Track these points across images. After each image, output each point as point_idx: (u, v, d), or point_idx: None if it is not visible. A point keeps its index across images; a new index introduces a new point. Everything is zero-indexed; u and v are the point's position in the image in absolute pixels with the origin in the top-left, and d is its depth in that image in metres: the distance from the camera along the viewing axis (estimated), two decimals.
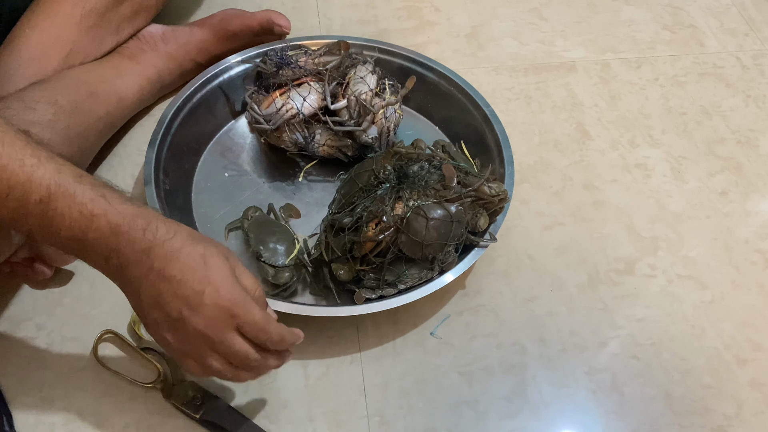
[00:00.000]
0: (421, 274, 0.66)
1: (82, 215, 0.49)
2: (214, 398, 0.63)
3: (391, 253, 0.65)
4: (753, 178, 0.85)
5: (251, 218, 0.72)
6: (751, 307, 0.74)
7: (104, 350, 0.67)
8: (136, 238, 0.50)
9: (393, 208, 0.65)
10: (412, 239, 0.64)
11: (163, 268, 0.51)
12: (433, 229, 0.64)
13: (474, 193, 0.66)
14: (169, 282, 0.51)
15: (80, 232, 0.49)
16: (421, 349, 0.69)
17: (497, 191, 0.67)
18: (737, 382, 0.68)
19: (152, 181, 0.71)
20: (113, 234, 0.50)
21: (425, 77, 0.83)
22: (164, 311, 0.51)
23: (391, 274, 0.66)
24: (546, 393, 0.66)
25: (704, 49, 1.00)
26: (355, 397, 0.65)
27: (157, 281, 0.51)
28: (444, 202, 0.65)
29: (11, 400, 0.63)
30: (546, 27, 1.01)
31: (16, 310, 0.69)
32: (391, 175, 0.68)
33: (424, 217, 0.64)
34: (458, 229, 0.65)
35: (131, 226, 0.50)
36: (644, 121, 0.90)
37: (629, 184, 0.83)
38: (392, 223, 0.64)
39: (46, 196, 0.48)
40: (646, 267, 0.76)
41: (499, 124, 0.78)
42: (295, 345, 0.58)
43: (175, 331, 0.52)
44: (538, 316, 0.72)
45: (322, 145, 0.76)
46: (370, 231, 0.64)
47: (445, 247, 0.65)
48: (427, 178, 0.67)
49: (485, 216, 0.67)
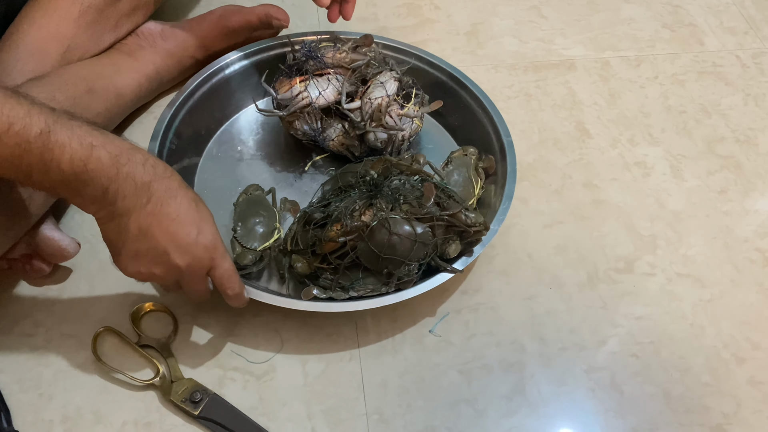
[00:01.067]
0: (375, 286, 0.65)
1: (81, 146, 0.50)
2: (212, 396, 0.63)
3: (350, 258, 0.64)
4: (752, 176, 0.85)
5: (249, 194, 0.72)
6: (750, 305, 0.74)
7: (103, 347, 0.67)
8: (135, 171, 0.52)
9: (362, 214, 0.64)
10: (371, 249, 0.63)
11: (160, 204, 0.53)
12: (393, 244, 0.63)
13: (449, 218, 0.64)
14: (164, 218, 0.53)
15: (81, 164, 0.50)
16: (420, 346, 0.69)
17: (474, 221, 0.65)
18: (736, 381, 0.68)
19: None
20: (113, 165, 0.51)
21: (457, 94, 0.82)
22: (151, 244, 0.54)
23: (346, 279, 0.65)
24: (545, 391, 0.66)
25: (704, 48, 1.00)
26: (354, 394, 0.65)
27: (151, 215, 0.53)
28: (413, 220, 0.64)
29: (9, 397, 0.63)
30: (546, 25, 1.01)
31: (14, 306, 0.69)
32: (370, 182, 0.68)
33: (387, 230, 0.63)
34: (421, 250, 0.64)
35: (130, 158, 0.52)
36: (644, 119, 0.90)
37: (629, 182, 0.83)
38: (355, 228, 0.63)
39: (45, 129, 0.49)
40: (646, 265, 0.76)
41: (513, 155, 0.76)
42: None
43: (155, 265, 0.55)
44: (538, 314, 0.72)
45: (332, 140, 0.76)
46: (333, 231, 0.64)
47: (402, 264, 0.64)
48: (404, 192, 0.65)
49: (457, 244, 0.66)
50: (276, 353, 0.67)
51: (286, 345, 0.68)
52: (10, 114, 0.48)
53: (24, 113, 0.48)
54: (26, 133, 0.48)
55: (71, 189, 0.52)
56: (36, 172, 0.50)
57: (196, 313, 0.69)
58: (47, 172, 0.50)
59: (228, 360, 0.67)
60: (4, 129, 0.48)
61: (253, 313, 0.69)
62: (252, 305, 0.69)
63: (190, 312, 0.69)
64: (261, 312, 0.69)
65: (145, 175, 0.53)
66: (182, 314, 0.69)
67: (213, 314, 0.69)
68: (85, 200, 0.53)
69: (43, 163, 0.50)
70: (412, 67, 0.83)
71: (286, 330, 0.69)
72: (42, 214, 0.65)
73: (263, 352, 0.67)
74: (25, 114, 0.48)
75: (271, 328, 0.69)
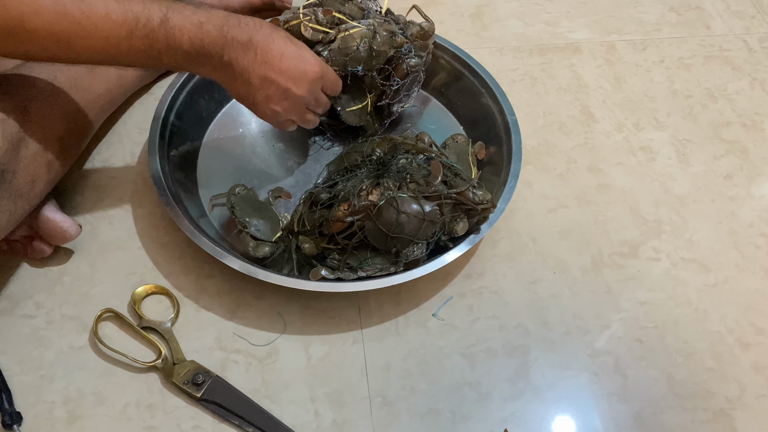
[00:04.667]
0: (383, 266, 0.64)
1: (193, 25, 0.58)
2: (215, 378, 0.63)
3: (357, 238, 0.64)
4: (758, 161, 0.84)
5: (238, 194, 0.71)
6: (754, 291, 0.73)
7: (104, 329, 0.66)
8: (237, 33, 0.60)
9: (369, 193, 0.63)
10: (379, 228, 0.62)
11: (266, 52, 0.61)
12: (401, 223, 0.62)
13: (456, 196, 0.64)
14: (274, 62, 0.62)
15: (198, 41, 0.58)
16: (423, 330, 0.68)
17: (482, 199, 0.65)
18: (740, 366, 0.68)
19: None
20: (221, 35, 0.59)
21: (462, 75, 0.81)
22: (274, 85, 0.63)
23: (354, 259, 0.65)
24: (549, 375, 0.66)
25: (710, 32, 0.99)
26: (357, 377, 0.65)
27: (263, 64, 0.61)
28: (421, 199, 0.63)
29: (10, 379, 0.63)
30: (551, 8, 1.00)
31: (15, 288, 0.68)
32: (377, 161, 0.67)
33: (395, 209, 0.62)
34: (429, 228, 0.63)
35: (229, 24, 0.60)
36: (649, 103, 0.89)
37: (634, 167, 0.83)
38: (362, 208, 0.63)
39: (164, 17, 0.56)
40: (651, 250, 0.76)
41: (518, 135, 0.75)
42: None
43: (284, 101, 0.64)
44: (542, 298, 0.71)
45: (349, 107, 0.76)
46: (340, 211, 0.63)
47: (411, 243, 0.64)
48: (411, 170, 0.65)
49: (465, 222, 0.65)
50: (279, 336, 0.67)
51: (289, 327, 0.67)
52: (134, 10, 0.55)
53: (142, 7, 0.55)
54: (151, 24, 0.56)
55: (196, 63, 0.60)
56: (165, 56, 0.58)
57: (198, 296, 0.69)
58: (174, 54, 0.58)
59: (231, 342, 0.66)
60: (134, 24, 0.55)
61: (256, 296, 0.69)
62: (254, 287, 0.69)
63: (192, 294, 0.69)
64: (264, 294, 0.69)
65: (245, 34, 0.60)
66: (184, 296, 0.69)
67: (216, 297, 0.69)
68: (207, 70, 0.61)
69: (169, 47, 0.57)
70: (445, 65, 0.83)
71: (289, 313, 0.68)
72: (44, 197, 0.65)
73: (266, 334, 0.67)
74: (144, 8, 0.55)
75: (274, 310, 0.68)
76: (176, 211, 0.67)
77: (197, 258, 0.71)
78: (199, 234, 0.66)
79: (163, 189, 0.68)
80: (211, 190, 0.75)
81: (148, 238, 0.72)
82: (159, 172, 0.70)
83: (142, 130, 0.81)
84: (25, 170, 0.60)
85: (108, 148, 0.79)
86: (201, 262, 0.71)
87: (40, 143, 0.62)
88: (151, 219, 0.74)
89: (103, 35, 0.54)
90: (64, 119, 0.65)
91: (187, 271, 0.70)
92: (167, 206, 0.67)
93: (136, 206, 0.75)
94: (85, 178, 0.76)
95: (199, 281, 0.70)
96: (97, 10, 0.53)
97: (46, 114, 0.63)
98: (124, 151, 0.79)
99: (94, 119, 0.72)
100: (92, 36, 0.54)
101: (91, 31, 0.53)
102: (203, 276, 0.70)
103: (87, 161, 0.78)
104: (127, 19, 0.55)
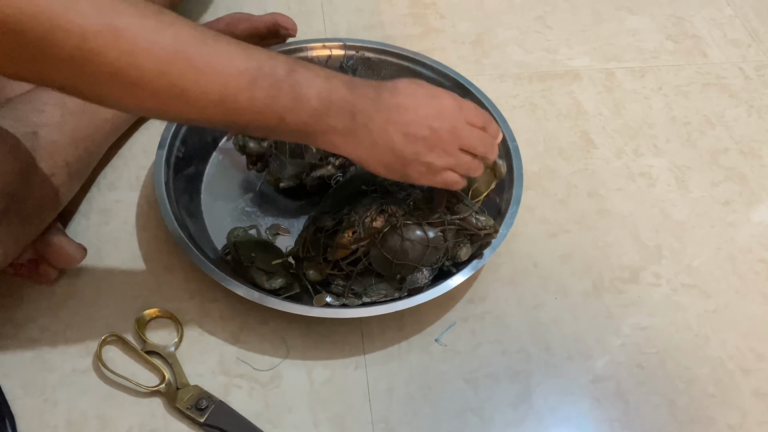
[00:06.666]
0: (387, 292, 0.65)
1: (321, 78, 0.51)
2: (218, 403, 0.63)
3: (362, 264, 0.64)
4: (756, 188, 0.85)
5: (237, 236, 0.71)
6: (754, 316, 0.74)
7: (108, 353, 0.67)
8: (363, 88, 0.54)
9: (373, 220, 0.64)
10: (384, 255, 0.63)
11: (397, 104, 0.55)
12: (406, 250, 0.63)
13: (459, 222, 0.65)
14: (408, 110, 0.55)
15: (326, 95, 0.51)
16: (426, 355, 0.68)
17: (484, 224, 0.66)
18: (741, 392, 0.68)
19: None
20: (348, 88, 0.53)
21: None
22: (418, 135, 0.55)
23: (358, 285, 0.65)
24: (551, 400, 0.66)
25: (707, 60, 1.00)
26: (360, 402, 0.65)
27: (398, 117, 0.54)
28: (425, 225, 0.64)
29: (14, 402, 0.63)
30: (551, 35, 1.02)
31: (19, 311, 0.69)
32: (379, 187, 0.67)
33: (399, 236, 0.63)
34: (433, 254, 0.64)
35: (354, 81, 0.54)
36: (648, 130, 0.91)
37: (633, 192, 0.84)
38: (367, 234, 0.63)
39: (289, 68, 0.49)
40: (651, 275, 0.76)
41: (519, 160, 0.76)
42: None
43: (434, 146, 0.56)
44: (544, 323, 0.72)
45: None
46: (345, 238, 0.64)
47: (415, 269, 0.64)
48: (415, 197, 0.65)
49: (468, 247, 0.66)
50: (282, 360, 0.67)
51: (292, 352, 0.68)
52: (259, 58, 0.48)
53: (267, 56, 0.49)
54: (277, 74, 0.49)
55: (322, 124, 0.52)
56: (289, 113, 0.50)
57: (202, 320, 0.69)
58: (299, 110, 0.50)
59: (234, 367, 0.66)
60: (258, 72, 0.48)
61: (260, 320, 0.69)
62: (258, 312, 0.69)
63: (195, 318, 0.69)
64: (267, 319, 0.69)
65: (366, 87, 0.54)
66: (188, 321, 0.69)
67: (219, 321, 0.69)
68: (335, 135, 0.53)
69: (295, 101, 0.50)
70: (417, 74, 0.83)
71: (292, 337, 0.68)
72: (51, 221, 0.65)
73: (269, 359, 0.67)
74: (268, 56, 0.49)
75: (278, 335, 0.69)
76: (180, 235, 0.68)
77: (201, 282, 0.71)
78: (203, 258, 0.66)
79: (167, 213, 0.69)
80: (216, 214, 0.76)
81: (153, 261, 0.73)
82: (164, 196, 0.70)
83: (148, 153, 0.82)
84: (34, 195, 0.60)
85: (113, 172, 0.80)
86: (205, 286, 0.71)
87: (49, 169, 0.62)
88: (155, 242, 0.74)
89: (222, 82, 0.47)
90: (72, 145, 0.66)
91: (191, 295, 0.71)
92: (172, 230, 0.68)
93: (141, 230, 0.75)
94: (91, 201, 0.77)
95: (203, 305, 0.70)
96: (219, 54, 0.46)
97: (56, 140, 0.64)
98: (129, 174, 0.80)
99: (101, 144, 0.73)
100: (210, 83, 0.46)
101: (211, 78, 0.46)
102: (207, 300, 0.71)
103: (93, 184, 0.78)
104: (251, 66, 0.47)
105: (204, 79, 0.46)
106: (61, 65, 0.42)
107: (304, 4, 1.01)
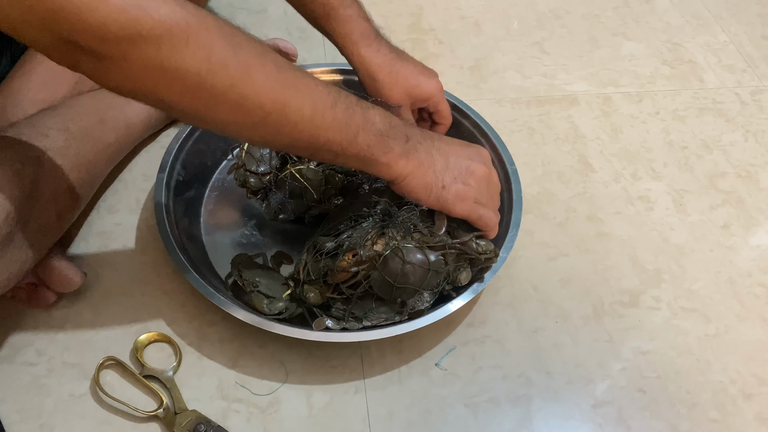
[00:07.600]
0: (388, 315, 0.65)
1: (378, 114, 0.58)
2: (216, 428, 0.63)
3: (362, 288, 0.64)
4: (754, 212, 0.86)
5: (242, 262, 0.72)
6: (755, 341, 0.73)
7: (106, 377, 0.66)
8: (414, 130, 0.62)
9: (374, 243, 0.64)
10: (385, 279, 0.63)
11: (439, 137, 0.64)
12: (407, 273, 0.63)
13: (460, 246, 0.65)
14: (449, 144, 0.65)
15: (387, 119, 0.59)
16: (426, 379, 0.68)
17: (485, 249, 0.66)
18: (743, 417, 0.68)
19: None
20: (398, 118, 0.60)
21: (461, 125, 0.83)
22: (457, 165, 0.63)
23: (359, 309, 0.65)
24: (552, 425, 0.66)
25: (703, 85, 1.01)
26: (360, 427, 0.64)
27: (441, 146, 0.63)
28: (426, 249, 0.64)
29: (10, 427, 0.62)
30: (548, 60, 1.03)
31: (16, 335, 0.68)
32: (379, 211, 0.68)
33: (401, 259, 0.63)
34: (434, 278, 0.64)
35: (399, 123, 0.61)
36: (646, 154, 0.91)
37: (632, 216, 0.84)
38: (368, 258, 0.63)
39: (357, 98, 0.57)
40: (651, 299, 0.76)
41: (518, 184, 0.76)
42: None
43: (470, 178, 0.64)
44: (544, 347, 0.71)
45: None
46: (345, 261, 0.64)
47: (416, 293, 0.64)
48: (415, 221, 0.66)
49: (468, 271, 0.66)
50: (281, 385, 0.67)
51: (291, 376, 0.67)
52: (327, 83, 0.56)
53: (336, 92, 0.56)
54: (349, 99, 0.56)
55: (384, 145, 0.58)
56: (361, 132, 0.56)
57: (201, 343, 0.69)
58: (368, 131, 0.57)
59: (232, 391, 0.66)
60: (337, 96, 0.55)
61: (258, 344, 0.69)
62: (257, 335, 0.69)
63: (194, 342, 0.69)
64: (266, 343, 0.69)
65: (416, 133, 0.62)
66: (186, 345, 0.69)
67: (218, 345, 0.69)
68: (393, 155, 0.59)
69: (366, 121, 0.57)
70: None
71: (291, 361, 0.68)
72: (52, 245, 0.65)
73: (268, 383, 0.67)
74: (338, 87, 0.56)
75: (276, 359, 0.68)
76: (180, 258, 0.67)
77: (200, 306, 0.71)
78: (202, 282, 0.66)
79: (167, 236, 0.69)
80: (216, 237, 0.76)
81: (152, 285, 0.73)
82: (164, 220, 0.70)
83: (148, 177, 0.82)
84: (36, 220, 0.60)
85: (113, 195, 0.80)
86: (204, 310, 0.71)
87: (52, 193, 0.62)
88: (154, 266, 0.74)
89: (312, 101, 0.54)
90: (75, 169, 0.66)
91: (189, 319, 0.71)
92: (171, 254, 0.68)
93: (140, 253, 0.75)
94: (90, 224, 0.77)
95: (202, 329, 0.70)
96: (306, 79, 0.54)
97: (59, 164, 0.64)
98: (129, 198, 0.80)
99: (103, 169, 0.73)
100: (305, 101, 0.53)
101: (305, 96, 0.53)
102: (206, 324, 0.70)
103: (93, 208, 0.79)
104: (331, 90, 0.55)
105: (299, 97, 0.53)
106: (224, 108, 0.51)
107: (304, 30, 1.02)
